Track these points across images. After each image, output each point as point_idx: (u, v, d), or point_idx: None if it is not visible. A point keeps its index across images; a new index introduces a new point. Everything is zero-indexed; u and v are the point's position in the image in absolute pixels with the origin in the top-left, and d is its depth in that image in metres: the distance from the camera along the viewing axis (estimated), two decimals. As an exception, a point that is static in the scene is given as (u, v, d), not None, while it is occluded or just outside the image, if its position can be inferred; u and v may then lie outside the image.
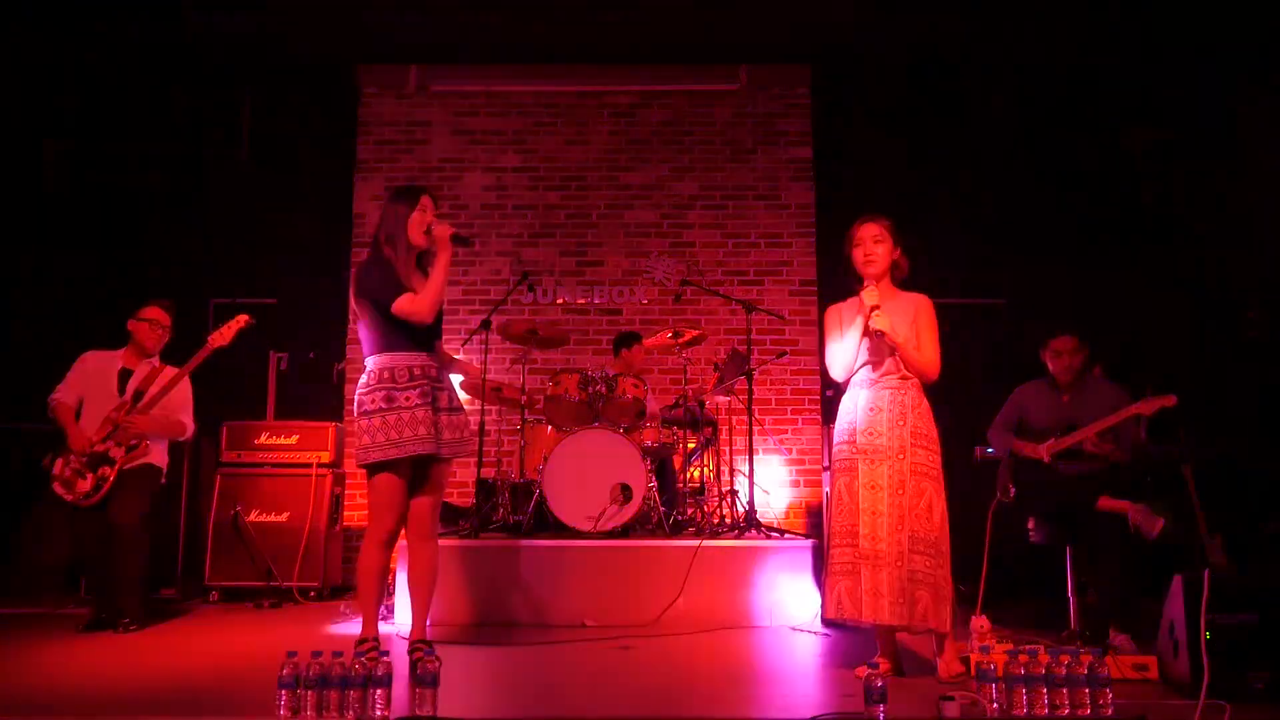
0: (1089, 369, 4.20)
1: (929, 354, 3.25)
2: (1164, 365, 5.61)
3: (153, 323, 4.33)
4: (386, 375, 3.14)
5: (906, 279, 3.36)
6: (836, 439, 3.29)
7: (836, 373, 3.33)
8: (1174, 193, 6.52)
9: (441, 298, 3.19)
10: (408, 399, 3.11)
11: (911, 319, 3.26)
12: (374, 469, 3.10)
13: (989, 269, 6.36)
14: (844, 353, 3.29)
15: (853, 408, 3.27)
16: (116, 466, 4.14)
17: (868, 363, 3.26)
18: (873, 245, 3.27)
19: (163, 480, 4.38)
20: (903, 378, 3.22)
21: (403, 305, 3.11)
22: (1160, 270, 6.29)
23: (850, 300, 3.36)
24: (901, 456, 3.14)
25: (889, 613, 3.03)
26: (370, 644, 3.06)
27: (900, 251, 3.32)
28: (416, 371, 3.15)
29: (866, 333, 3.20)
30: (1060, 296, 6.11)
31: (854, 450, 3.20)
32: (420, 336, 3.19)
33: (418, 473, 3.20)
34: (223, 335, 4.25)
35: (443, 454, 3.17)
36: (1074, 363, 4.01)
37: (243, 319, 4.28)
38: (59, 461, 4.16)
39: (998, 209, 6.38)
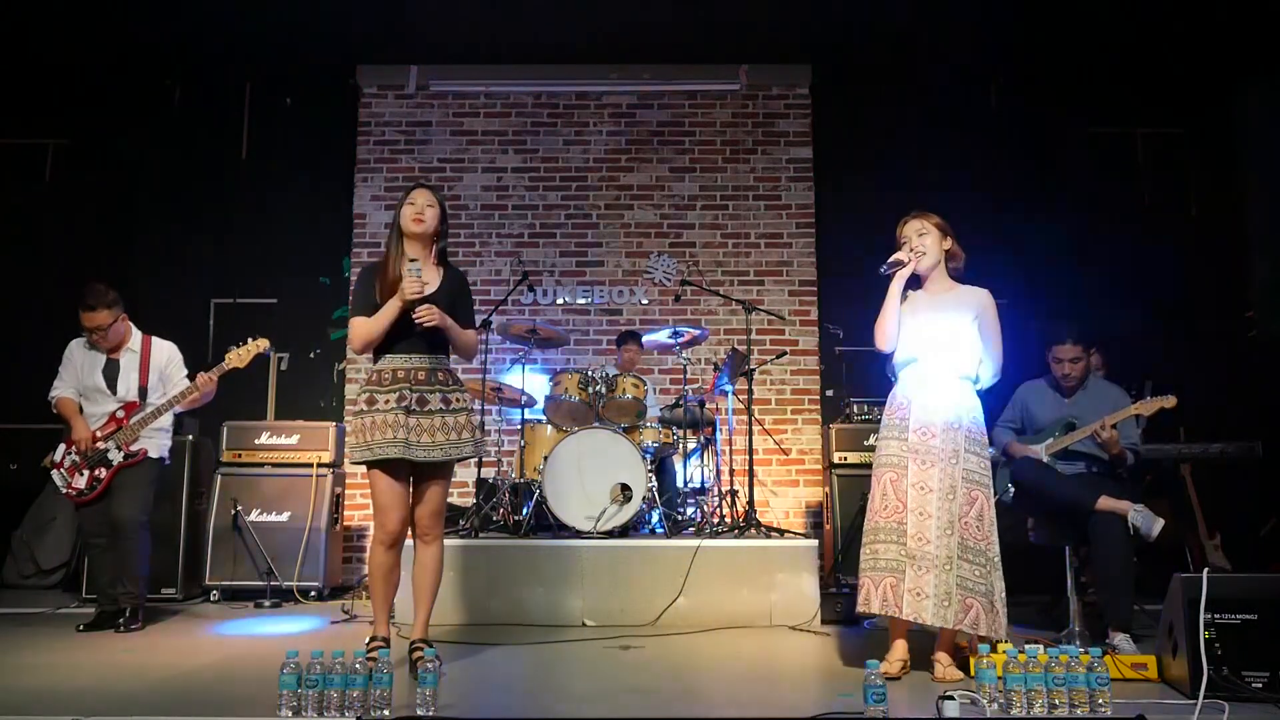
0: (1092, 371, 4.21)
1: (993, 351, 3.25)
2: (1164, 365, 5.61)
3: (94, 331, 4.16)
4: (375, 377, 3.18)
5: (963, 271, 3.34)
6: (885, 432, 3.23)
7: (878, 341, 3.29)
8: (1175, 191, 6.53)
9: (369, 339, 3.15)
10: (386, 402, 3.11)
11: (973, 314, 3.24)
12: (368, 469, 3.13)
13: (989, 269, 6.34)
14: (882, 318, 3.26)
15: (905, 402, 3.21)
16: (113, 470, 4.14)
17: (923, 359, 3.22)
18: (917, 240, 3.26)
19: (166, 464, 4.35)
20: (959, 377, 3.20)
21: (351, 326, 3.20)
22: (1160, 269, 6.30)
23: (911, 295, 3.33)
24: (954, 461, 3.10)
25: (931, 614, 3.01)
26: (378, 643, 3.06)
27: (954, 243, 3.30)
28: (400, 375, 3.14)
29: (894, 285, 3.23)
30: (1061, 296, 6.11)
31: (905, 448, 3.15)
32: (415, 339, 3.17)
33: (416, 475, 3.19)
34: (240, 358, 4.19)
35: (417, 458, 3.11)
36: (1074, 371, 4.01)
37: (263, 344, 4.23)
38: (60, 449, 4.17)
39: (998, 208, 6.38)
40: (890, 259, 3.28)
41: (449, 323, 3.17)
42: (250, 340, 4.24)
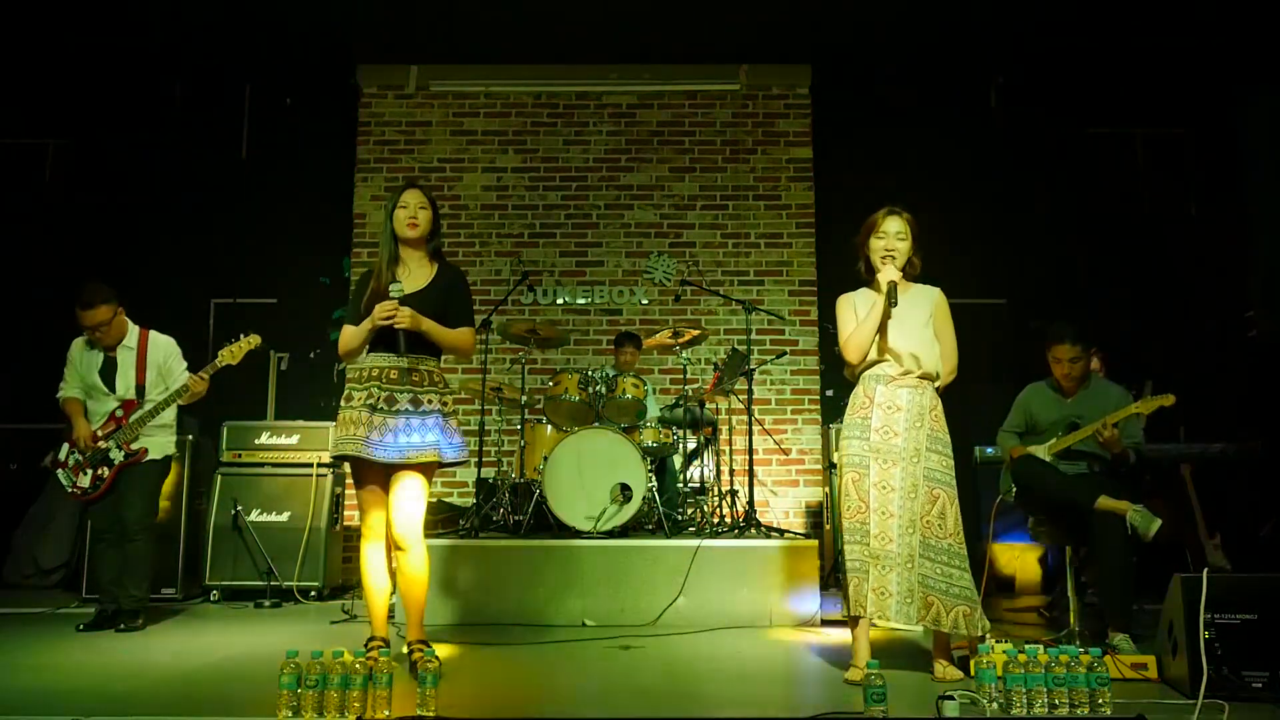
0: (1092, 370, 4.21)
1: (949, 349, 3.23)
2: (1164, 365, 5.62)
3: (96, 328, 4.17)
4: (355, 375, 3.20)
5: (919, 276, 3.31)
6: (848, 432, 3.20)
7: (852, 355, 3.21)
8: (1175, 191, 6.53)
9: (346, 349, 3.19)
10: (357, 400, 3.13)
11: (928, 313, 3.23)
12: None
13: (989, 269, 6.37)
14: (862, 332, 3.18)
15: (867, 402, 3.18)
16: (115, 469, 4.15)
17: (886, 359, 3.20)
18: (895, 240, 3.21)
19: (171, 462, 4.36)
20: (921, 377, 3.18)
21: (342, 330, 3.22)
22: (1160, 269, 6.30)
23: (862, 290, 3.31)
24: (916, 460, 3.10)
25: (895, 612, 3.00)
26: (377, 643, 3.06)
27: (915, 250, 3.27)
28: (374, 373, 3.14)
29: (886, 310, 3.13)
30: (1060, 296, 6.11)
31: (866, 448, 3.14)
32: (393, 338, 3.11)
33: (389, 477, 3.15)
34: (233, 354, 4.21)
35: (375, 457, 3.05)
36: (1074, 370, 4.01)
37: (254, 340, 4.25)
38: (64, 448, 4.19)
39: (998, 208, 6.39)
40: (889, 285, 3.15)
41: (424, 325, 3.10)
42: (242, 336, 4.25)
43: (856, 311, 3.26)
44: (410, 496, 3.13)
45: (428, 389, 3.18)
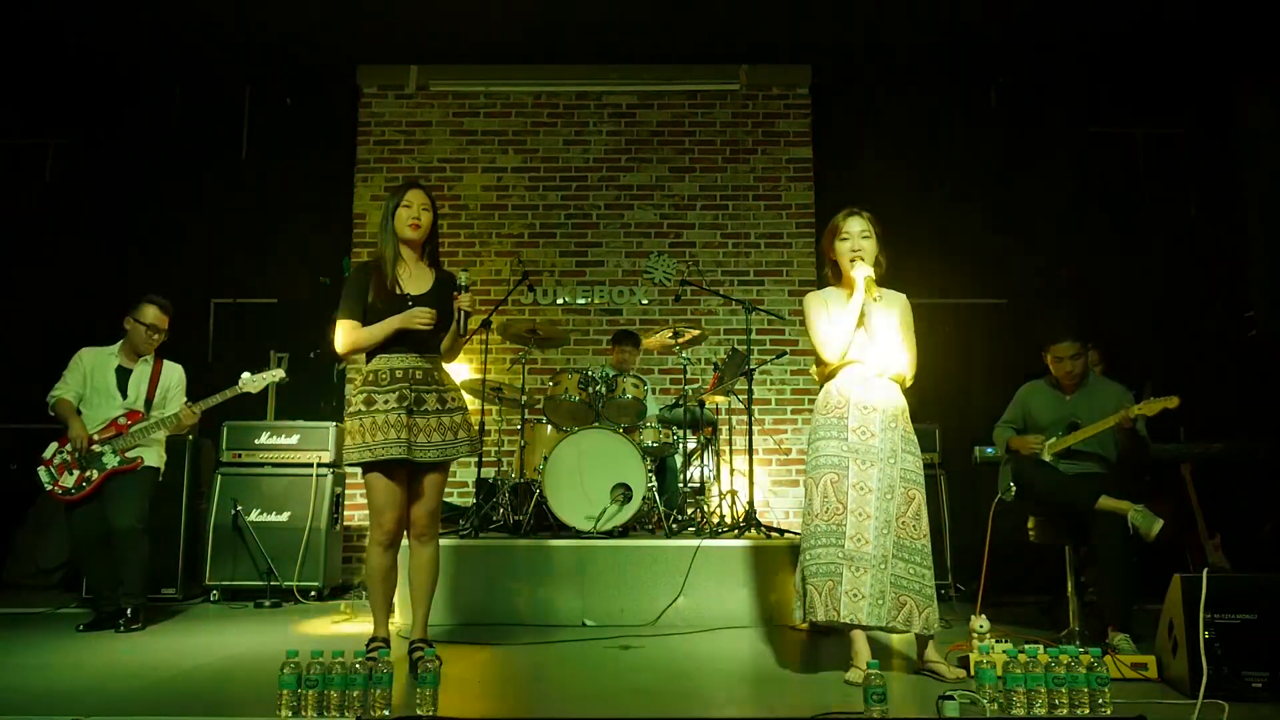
0: (1091, 368, 4.21)
1: (911, 354, 3.26)
2: (1164, 365, 5.62)
3: (150, 328, 4.31)
4: (371, 377, 3.18)
5: (884, 275, 3.30)
6: (823, 433, 3.17)
7: (832, 351, 3.20)
8: (1175, 191, 6.53)
9: (358, 346, 3.19)
10: (386, 402, 3.11)
11: (899, 316, 3.25)
12: (363, 470, 3.13)
13: (989, 269, 6.37)
14: (843, 328, 3.17)
15: (843, 401, 3.17)
16: (105, 474, 4.15)
17: (859, 360, 3.20)
18: (860, 240, 3.22)
19: (160, 479, 4.39)
20: (891, 378, 3.20)
21: (340, 327, 3.22)
22: (1161, 269, 6.30)
23: (830, 289, 3.32)
24: (893, 461, 3.11)
25: (866, 614, 3.00)
26: (378, 644, 3.06)
27: (879, 249, 3.27)
28: (399, 374, 3.15)
29: (868, 302, 3.14)
30: (1060, 296, 6.11)
31: (845, 448, 3.13)
32: (412, 339, 3.16)
33: (412, 475, 3.19)
34: (254, 384, 4.31)
35: (418, 458, 3.11)
36: (1075, 368, 4.01)
37: (278, 374, 4.36)
38: (52, 447, 4.21)
39: (998, 208, 6.39)
40: (867, 278, 3.16)
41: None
42: (268, 369, 4.34)
43: (828, 309, 3.26)
44: (437, 491, 3.23)
45: (449, 388, 3.25)
